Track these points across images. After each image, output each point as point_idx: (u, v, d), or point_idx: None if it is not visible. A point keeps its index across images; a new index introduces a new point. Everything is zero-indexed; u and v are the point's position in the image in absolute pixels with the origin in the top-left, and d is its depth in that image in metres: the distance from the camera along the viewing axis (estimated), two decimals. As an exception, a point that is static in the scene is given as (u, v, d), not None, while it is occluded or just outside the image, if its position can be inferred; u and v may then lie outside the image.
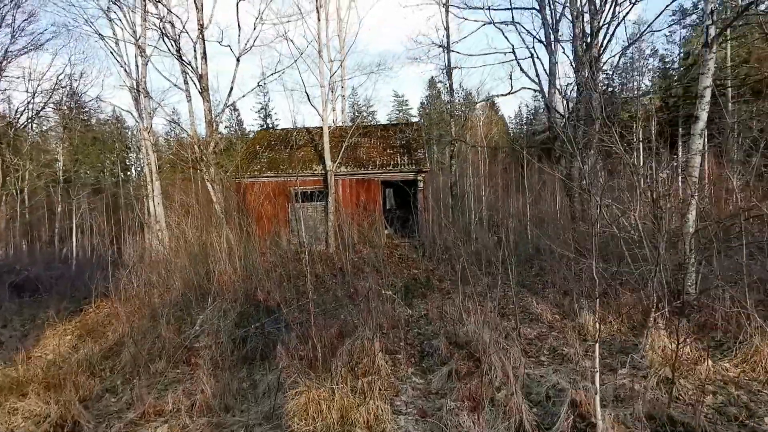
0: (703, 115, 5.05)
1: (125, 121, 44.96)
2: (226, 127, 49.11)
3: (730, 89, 20.21)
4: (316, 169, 13.78)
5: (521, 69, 11.53)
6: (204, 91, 16.27)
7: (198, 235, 13.27)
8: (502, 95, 11.55)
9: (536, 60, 12.21)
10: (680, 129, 30.34)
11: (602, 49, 11.72)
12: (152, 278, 9.95)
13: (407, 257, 12.47)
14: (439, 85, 48.18)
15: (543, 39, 12.35)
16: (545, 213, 21.48)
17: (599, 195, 6.42)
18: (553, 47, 12.25)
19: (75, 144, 35.08)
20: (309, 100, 12.72)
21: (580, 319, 5.67)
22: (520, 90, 11.25)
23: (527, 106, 57.57)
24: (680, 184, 6.31)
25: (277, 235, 14.11)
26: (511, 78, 11.36)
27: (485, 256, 11.06)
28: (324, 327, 5.45)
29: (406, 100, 55.61)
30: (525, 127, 55.57)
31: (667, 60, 34.39)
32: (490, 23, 12.69)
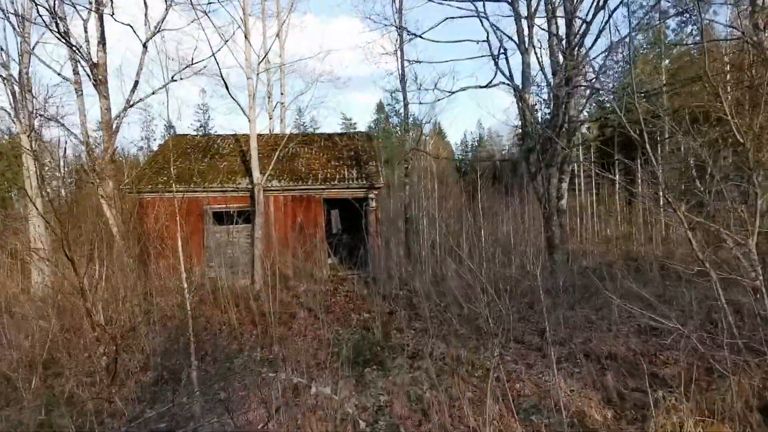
0: None
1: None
2: (160, 145, 44.13)
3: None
4: (240, 183, 10.86)
5: (495, 64, 9.56)
6: (100, 85, 12.92)
7: (76, 270, 9.81)
8: (481, 87, 9.48)
9: (509, 59, 10.35)
10: (615, 156, 30.94)
11: (581, 46, 10.07)
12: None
13: (356, 295, 9.78)
14: (387, 108, 46.90)
15: (515, 37, 10.55)
16: (505, 238, 19.73)
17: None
18: (526, 45, 10.48)
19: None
20: (227, 89, 9.83)
21: (656, 422, 3.28)
22: (498, 85, 9.13)
23: (471, 134, 58.19)
24: None
25: (187, 269, 10.89)
26: (496, 60, 9.21)
27: (455, 295, 8.66)
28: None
29: (354, 123, 53.59)
30: (470, 153, 55.93)
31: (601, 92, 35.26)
32: (453, 17, 10.76)
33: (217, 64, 9.70)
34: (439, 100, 9.11)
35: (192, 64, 12.44)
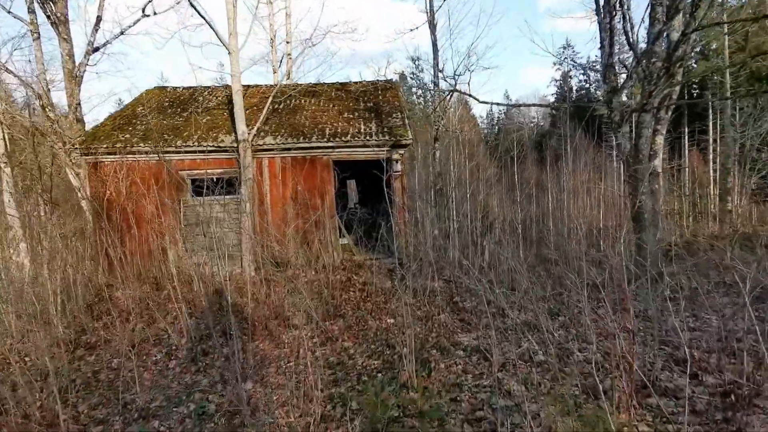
0: None
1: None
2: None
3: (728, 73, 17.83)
4: (223, 140, 8.28)
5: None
6: (60, 24, 10.50)
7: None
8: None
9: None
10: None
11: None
12: None
13: (376, 289, 7.19)
14: (410, 77, 43.22)
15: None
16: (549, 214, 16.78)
17: None
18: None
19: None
20: (193, 6, 7.03)
21: None
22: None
23: (499, 110, 53.85)
24: None
25: (162, 252, 8.50)
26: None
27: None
28: None
29: (374, 91, 50.28)
30: (497, 127, 52.46)
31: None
32: None
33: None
34: None
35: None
